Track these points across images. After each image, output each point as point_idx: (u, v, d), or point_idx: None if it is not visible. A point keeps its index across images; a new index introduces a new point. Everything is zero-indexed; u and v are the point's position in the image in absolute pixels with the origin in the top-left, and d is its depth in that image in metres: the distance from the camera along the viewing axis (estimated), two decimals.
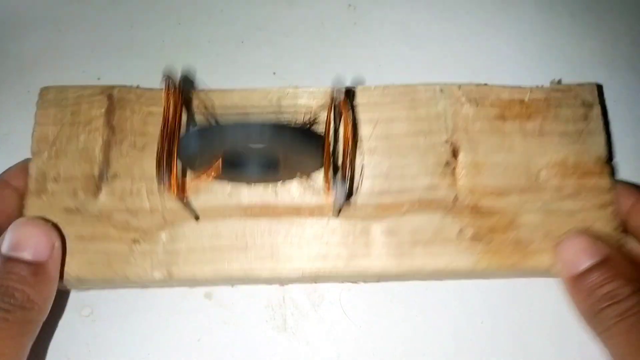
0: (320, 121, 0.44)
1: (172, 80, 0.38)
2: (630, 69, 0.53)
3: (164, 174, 0.36)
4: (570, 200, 0.43)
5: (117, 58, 0.47)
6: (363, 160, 0.44)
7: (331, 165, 0.38)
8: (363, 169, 0.44)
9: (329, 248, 0.42)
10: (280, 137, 0.36)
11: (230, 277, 0.42)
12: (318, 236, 0.42)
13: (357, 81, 0.50)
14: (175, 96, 0.38)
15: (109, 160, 0.43)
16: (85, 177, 0.43)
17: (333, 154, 0.41)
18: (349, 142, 0.39)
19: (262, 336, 0.44)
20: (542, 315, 0.45)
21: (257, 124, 0.36)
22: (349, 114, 0.39)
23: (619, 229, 0.42)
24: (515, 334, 0.45)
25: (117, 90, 0.45)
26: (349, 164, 0.39)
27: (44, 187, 0.43)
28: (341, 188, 0.36)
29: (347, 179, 0.39)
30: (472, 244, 0.42)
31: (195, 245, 0.41)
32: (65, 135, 0.44)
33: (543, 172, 0.44)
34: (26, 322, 0.36)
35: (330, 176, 0.38)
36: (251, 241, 0.42)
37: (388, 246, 0.42)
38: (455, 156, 0.44)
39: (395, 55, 0.52)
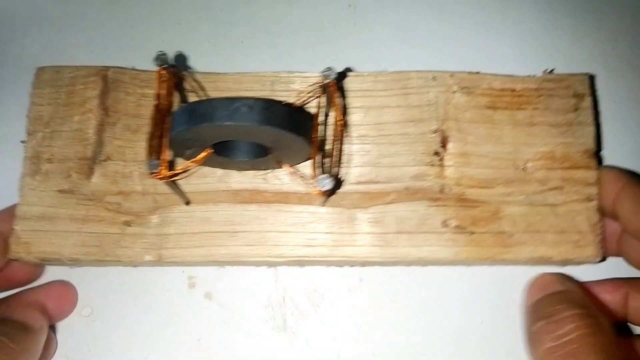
0: (311, 105, 0.43)
1: (164, 58, 0.38)
2: (624, 61, 0.52)
3: (154, 153, 0.36)
4: (554, 193, 0.43)
5: (117, 58, 0.46)
6: (352, 148, 0.44)
7: (320, 152, 0.38)
8: (352, 157, 0.44)
9: (315, 235, 0.42)
10: (271, 113, 0.35)
11: (219, 261, 0.42)
12: (305, 223, 0.42)
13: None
14: (167, 75, 0.38)
15: (102, 142, 0.43)
16: (79, 159, 0.43)
17: (322, 142, 0.41)
18: (338, 124, 0.39)
19: (262, 336, 0.45)
20: None
21: (247, 98, 0.35)
22: (338, 96, 0.39)
23: (599, 223, 0.43)
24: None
25: (111, 71, 0.45)
26: (337, 149, 0.39)
27: (38, 168, 0.43)
28: (328, 177, 0.36)
29: (335, 165, 0.40)
30: (454, 235, 0.42)
31: (185, 230, 0.42)
32: (60, 116, 0.44)
33: (530, 163, 0.44)
34: None
35: (318, 164, 0.38)
36: (240, 227, 0.42)
37: (372, 235, 0.42)
38: (444, 146, 0.44)
39: (394, 54, 0.51)
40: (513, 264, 0.44)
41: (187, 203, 0.42)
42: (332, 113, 0.40)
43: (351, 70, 0.46)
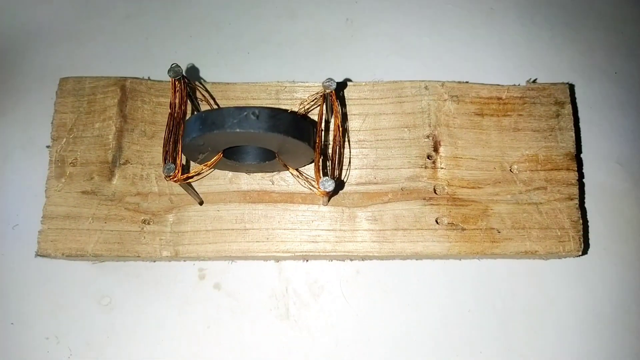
0: (314, 113, 0.46)
1: (177, 70, 0.40)
2: (600, 70, 0.55)
3: (170, 157, 0.38)
4: (538, 193, 0.46)
5: (134, 68, 0.48)
6: (352, 152, 0.46)
7: (322, 156, 0.40)
8: (351, 160, 0.46)
9: (319, 232, 0.44)
10: (276, 121, 0.37)
11: (231, 256, 0.44)
12: (309, 221, 0.45)
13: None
14: (180, 86, 0.40)
15: (121, 147, 0.46)
16: (100, 162, 0.45)
17: (324, 147, 0.43)
18: (338, 130, 0.41)
19: (267, 324, 0.47)
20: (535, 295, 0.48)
21: (254, 107, 0.37)
22: (338, 104, 0.41)
23: (579, 220, 0.45)
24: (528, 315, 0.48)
25: (129, 81, 0.47)
26: (338, 153, 0.41)
27: (63, 171, 0.45)
28: (330, 179, 0.38)
29: (336, 168, 0.42)
30: (447, 231, 0.44)
31: (199, 227, 0.44)
32: (82, 123, 0.46)
33: (516, 165, 0.46)
34: None
35: (321, 167, 0.40)
36: (249, 225, 0.44)
37: (371, 232, 0.44)
38: (436, 150, 0.46)
39: (389, 65, 0.53)
40: (501, 257, 0.46)
41: (201, 203, 0.45)
42: (332, 120, 0.42)
43: (350, 80, 0.48)
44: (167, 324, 0.47)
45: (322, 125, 0.42)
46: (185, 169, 0.44)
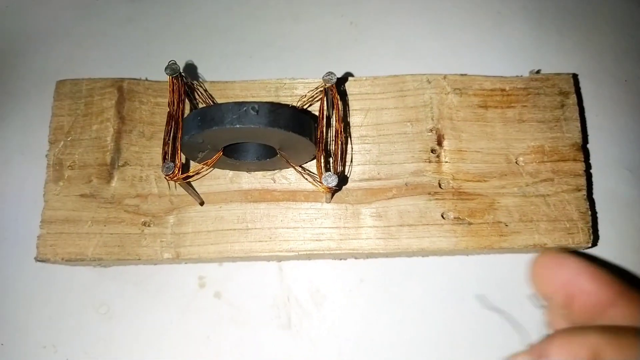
0: (314, 108, 0.44)
1: (175, 67, 0.39)
2: (611, 76, 0.53)
3: (169, 156, 0.37)
4: (545, 184, 0.44)
5: (134, 73, 0.47)
6: (354, 148, 0.45)
7: (324, 152, 0.39)
8: (354, 156, 0.45)
9: (322, 230, 0.43)
10: (277, 115, 0.36)
11: (232, 257, 0.43)
12: (312, 219, 0.43)
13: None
14: (178, 84, 0.39)
15: (119, 149, 0.44)
16: (99, 165, 0.44)
17: (326, 142, 0.42)
18: (340, 125, 0.40)
19: (268, 333, 0.45)
20: None
21: (254, 102, 0.36)
22: (339, 99, 0.40)
23: (588, 211, 0.44)
24: None
25: (126, 82, 0.46)
26: (340, 149, 0.40)
27: (61, 175, 0.44)
28: (333, 174, 0.37)
29: (339, 164, 0.40)
30: (453, 226, 0.43)
31: (200, 228, 0.43)
32: (79, 125, 0.45)
33: (521, 157, 0.45)
34: None
35: (323, 163, 0.39)
36: (251, 224, 0.43)
37: (376, 228, 0.43)
38: (440, 143, 0.45)
39: (393, 70, 0.49)
40: (509, 251, 0.45)
41: (201, 203, 0.43)
42: (334, 115, 0.41)
43: (351, 75, 0.47)
44: (166, 334, 0.45)
45: (324, 120, 0.40)
46: (185, 168, 0.43)
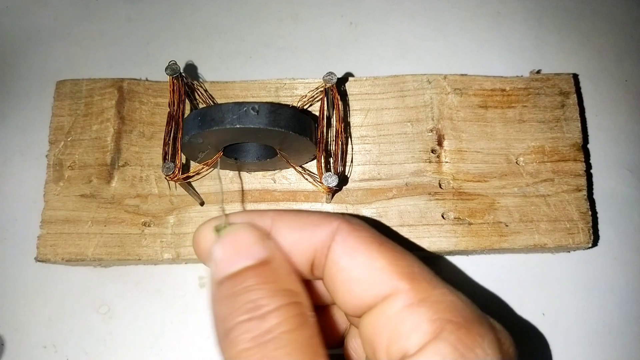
0: (314, 109, 0.44)
1: (175, 68, 0.38)
2: (611, 76, 0.53)
3: (169, 156, 0.37)
4: (545, 184, 0.44)
5: (134, 73, 0.46)
6: (354, 148, 0.44)
7: (324, 152, 0.39)
8: (354, 156, 0.44)
9: None
10: (277, 115, 0.35)
11: None
12: None
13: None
14: (178, 84, 0.39)
15: (120, 149, 0.44)
16: (99, 165, 0.44)
17: (326, 142, 0.41)
18: (340, 125, 0.39)
19: None
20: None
21: (254, 102, 0.35)
22: (339, 99, 0.39)
23: (588, 211, 0.43)
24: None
25: (126, 82, 0.45)
26: (340, 149, 0.39)
27: (61, 175, 0.43)
28: (333, 174, 0.37)
29: (339, 164, 0.40)
30: (454, 226, 0.42)
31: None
32: (79, 126, 0.44)
33: (522, 157, 0.44)
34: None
35: (323, 163, 0.39)
36: None
37: (377, 229, 0.42)
38: (440, 143, 0.45)
39: (393, 70, 0.49)
40: (510, 252, 0.44)
41: (202, 204, 0.43)
42: (334, 115, 0.41)
43: (351, 75, 0.47)
44: (166, 334, 0.45)
45: (324, 120, 0.40)
46: (185, 168, 0.42)
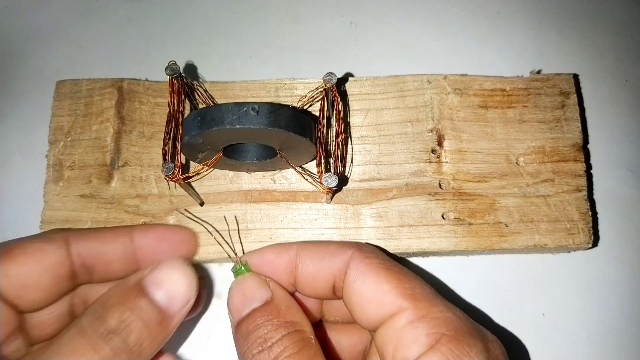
0: (314, 109, 0.43)
1: (175, 68, 0.38)
2: (611, 76, 0.52)
3: (169, 156, 0.36)
4: (546, 185, 0.43)
5: (134, 73, 0.46)
6: (354, 148, 0.44)
7: (324, 152, 0.38)
8: (354, 156, 0.44)
9: (322, 231, 0.42)
10: (277, 116, 0.35)
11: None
12: (313, 220, 0.42)
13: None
14: (178, 84, 0.38)
15: (119, 149, 0.44)
16: (99, 165, 0.43)
17: (326, 143, 0.41)
18: (340, 125, 0.39)
19: None
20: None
21: (254, 102, 0.35)
22: (339, 99, 0.39)
23: (589, 212, 0.43)
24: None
25: (126, 82, 0.45)
26: (340, 149, 0.39)
27: (60, 175, 0.43)
28: (333, 175, 0.37)
29: (339, 164, 0.39)
30: (454, 226, 0.42)
31: (200, 228, 0.42)
32: (79, 126, 0.44)
33: (522, 158, 0.44)
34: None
35: (323, 163, 0.38)
36: (251, 225, 0.42)
37: (377, 229, 0.42)
38: (440, 144, 0.44)
39: (393, 70, 0.48)
40: (510, 252, 0.44)
41: (202, 204, 0.42)
42: (334, 115, 0.40)
43: (351, 75, 0.46)
44: None
45: (324, 121, 0.39)
46: (185, 168, 0.42)
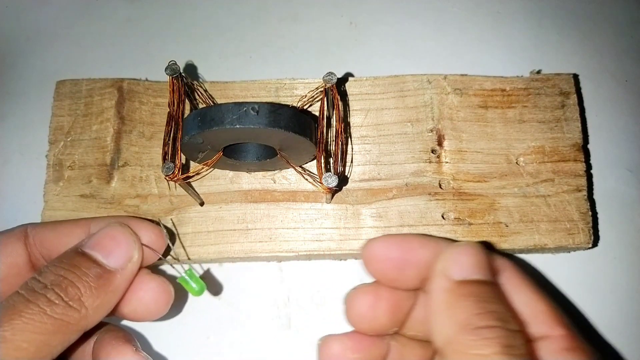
0: (314, 109, 0.43)
1: (175, 68, 0.37)
2: (611, 76, 0.52)
3: (169, 156, 0.36)
4: (546, 185, 0.43)
5: (134, 73, 0.46)
6: (354, 148, 0.44)
7: (324, 152, 0.38)
8: (354, 156, 0.43)
9: (323, 231, 0.42)
10: (277, 116, 0.34)
11: (233, 257, 0.42)
12: (313, 220, 0.42)
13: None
14: (178, 84, 0.38)
15: (119, 149, 0.43)
16: (99, 165, 0.43)
17: (326, 143, 0.41)
18: (340, 125, 0.38)
19: (268, 334, 0.44)
20: None
21: (254, 102, 0.35)
22: (339, 99, 0.39)
23: (589, 212, 0.42)
24: None
25: (126, 82, 0.45)
26: (340, 149, 0.38)
27: (60, 175, 0.43)
28: (333, 174, 0.36)
29: (339, 164, 0.39)
30: (454, 226, 0.42)
31: (200, 229, 0.41)
32: (79, 126, 0.44)
33: (522, 158, 0.44)
34: (65, 322, 0.29)
35: (323, 163, 0.38)
36: (252, 225, 0.42)
37: (377, 229, 0.42)
38: (440, 144, 0.44)
39: (393, 70, 0.48)
40: (510, 252, 0.43)
41: (202, 204, 0.42)
42: (334, 115, 0.40)
43: (351, 75, 0.46)
44: (166, 334, 0.44)
45: (324, 120, 0.39)
46: (185, 168, 0.42)
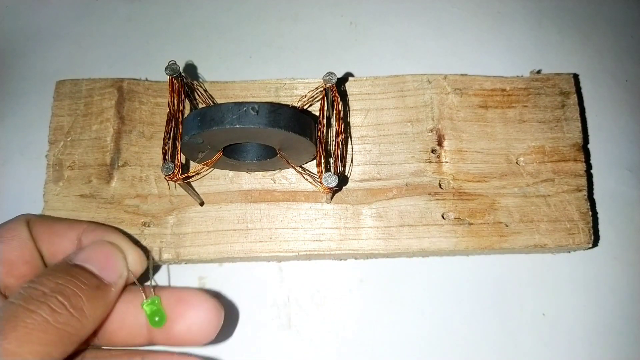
0: (314, 109, 0.43)
1: (175, 67, 0.37)
2: (611, 76, 0.52)
3: (169, 156, 0.36)
4: (546, 185, 0.43)
5: (134, 73, 0.46)
6: (354, 148, 0.43)
7: (324, 152, 0.38)
8: (354, 156, 0.43)
9: (322, 231, 0.41)
10: (277, 115, 0.34)
11: (233, 257, 0.42)
12: (313, 220, 0.42)
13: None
14: (178, 84, 0.38)
15: (119, 149, 0.43)
16: (99, 165, 0.43)
17: (326, 143, 0.40)
18: (340, 125, 0.38)
19: (268, 334, 0.43)
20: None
21: (254, 102, 0.34)
22: (339, 99, 0.38)
23: (589, 212, 0.42)
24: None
25: (126, 82, 0.45)
26: (340, 149, 0.38)
27: (60, 175, 0.42)
28: (333, 174, 0.36)
29: (339, 164, 0.39)
30: (454, 226, 0.41)
31: (200, 229, 0.41)
32: (79, 126, 0.44)
33: (522, 157, 0.43)
34: (67, 332, 0.30)
35: (323, 163, 0.38)
36: (252, 224, 0.42)
37: (376, 229, 0.41)
38: (440, 144, 0.44)
39: (393, 70, 0.48)
40: (510, 252, 0.43)
41: (202, 204, 0.42)
42: (334, 115, 0.40)
43: (351, 75, 0.46)
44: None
45: (324, 120, 0.39)
46: (185, 168, 0.41)
